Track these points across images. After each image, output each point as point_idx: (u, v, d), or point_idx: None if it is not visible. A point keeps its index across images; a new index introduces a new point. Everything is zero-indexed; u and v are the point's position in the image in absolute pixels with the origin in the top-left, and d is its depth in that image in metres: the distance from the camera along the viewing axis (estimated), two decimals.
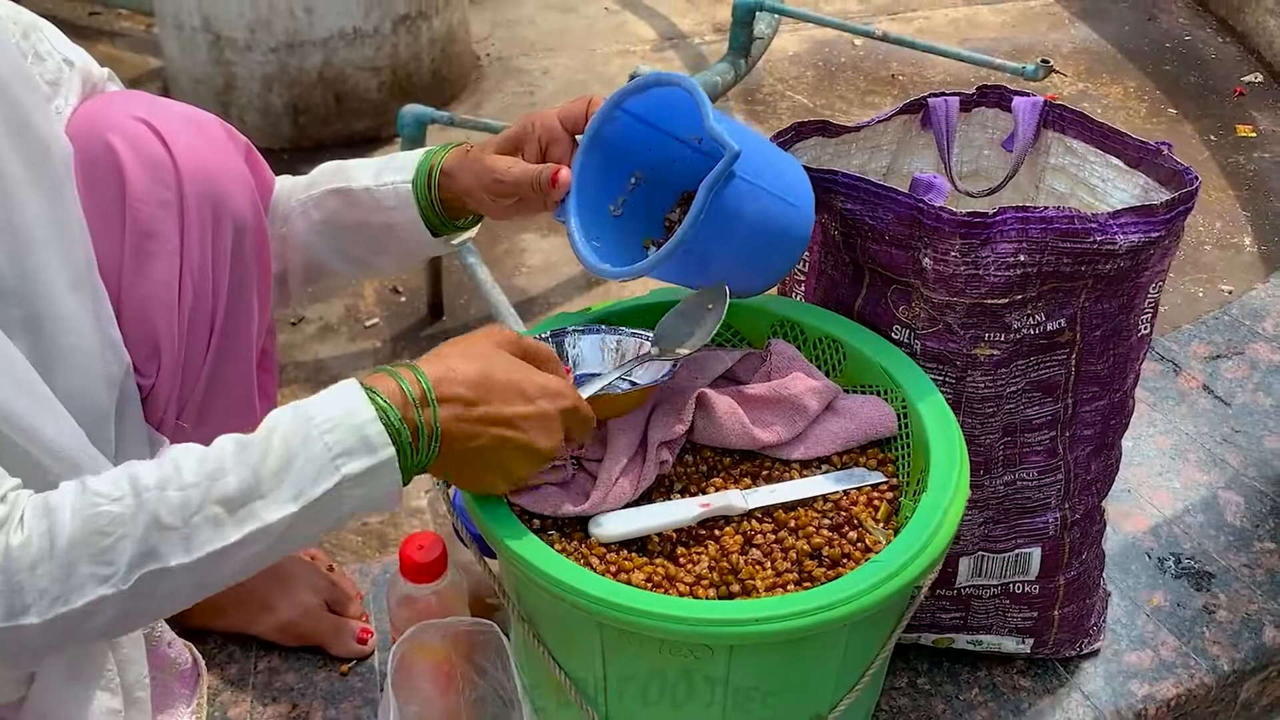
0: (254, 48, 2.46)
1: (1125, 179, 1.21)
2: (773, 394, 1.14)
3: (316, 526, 0.88)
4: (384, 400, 0.88)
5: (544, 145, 1.09)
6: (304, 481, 0.85)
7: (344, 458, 0.86)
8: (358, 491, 0.88)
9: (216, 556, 0.84)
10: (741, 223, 1.03)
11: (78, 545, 0.81)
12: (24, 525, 0.81)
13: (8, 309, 0.96)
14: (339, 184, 1.18)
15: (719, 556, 1.05)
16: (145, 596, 0.83)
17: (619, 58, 2.93)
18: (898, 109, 1.26)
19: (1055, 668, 1.37)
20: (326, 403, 0.88)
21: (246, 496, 0.85)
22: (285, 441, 0.86)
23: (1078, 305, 1.13)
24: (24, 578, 0.80)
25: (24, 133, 0.98)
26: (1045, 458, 1.20)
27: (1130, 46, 3.03)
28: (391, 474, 0.88)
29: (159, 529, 0.83)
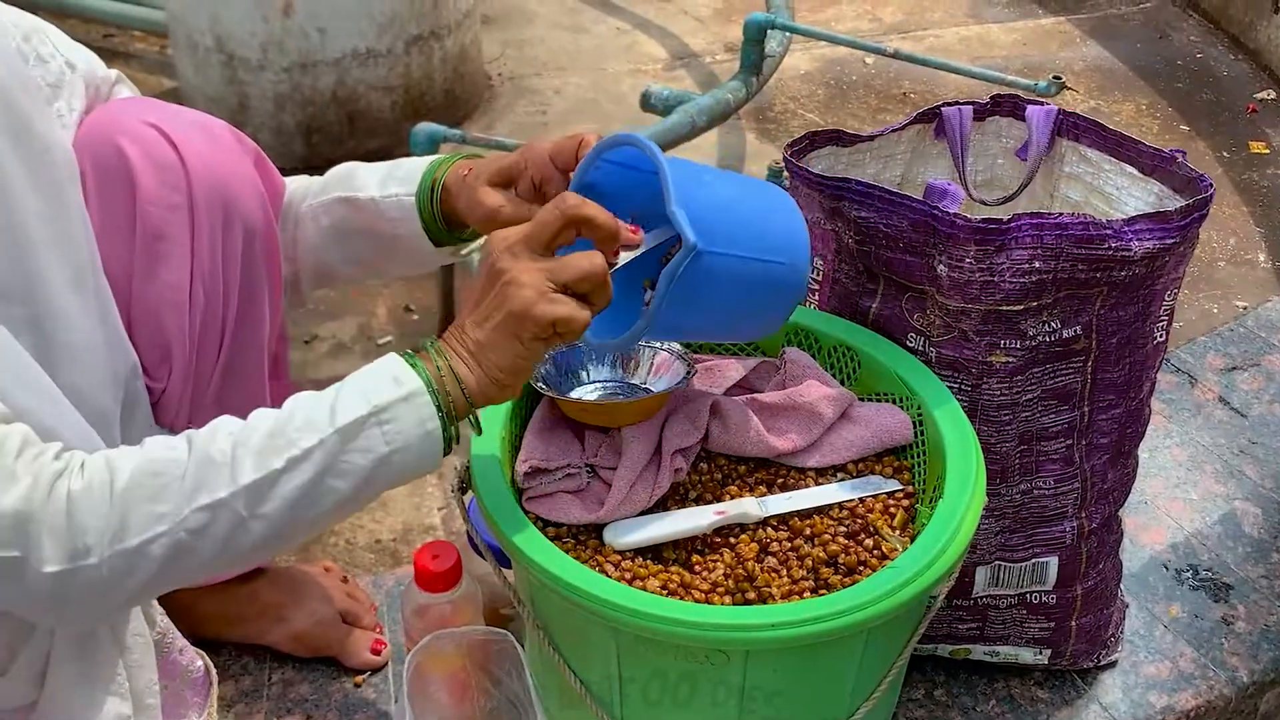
0: (267, 67, 2.47)
1: (1140, 186, 1.21)
2: (788, 401, 1.14)
3: (358, 458, 0.90)
4: (405, 352, 0.94)
5: (538, 181, 1.09)
6: (336, 413, 0.90)
7: (373, 391, 0.91)
8: (391, 425, 0.91)
9: (260, 485, 0.88)
10: (715, 293, 0.99)
11: (135, 486, 0.86)
12: (84, 472, 0.86)
13: (10, 308, 0.96)
14: (346, 192, 1.19)
15: (734, 564, 1.05)
16: (199, 533, 0.87)
17: (630, 77, 2.94)
18: (911, 118, 1.27)
19: (1073, 679, 1.36)
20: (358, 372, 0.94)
21: (283, 431, 0.89)
22: (315, 395, 0.92)
23: (1093, 312, 1.13)
24: (84, 519, 0.84)
25: (23, 135, 0.99)
26: (1062, 466, 1.19)
27: (1142, 64, 3.03)
28: (423, 405, 0.91)
29: (209, 465, 0.88)
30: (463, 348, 0.93)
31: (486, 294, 0.93)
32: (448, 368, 0.93)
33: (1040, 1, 3.37)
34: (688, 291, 0.96)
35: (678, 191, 0.94)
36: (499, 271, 0.92)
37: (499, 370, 0.93)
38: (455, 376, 0.93)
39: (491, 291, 0.93)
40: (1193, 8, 3.29)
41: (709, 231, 0.95)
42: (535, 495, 1.09)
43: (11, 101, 0.98)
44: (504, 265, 0.92)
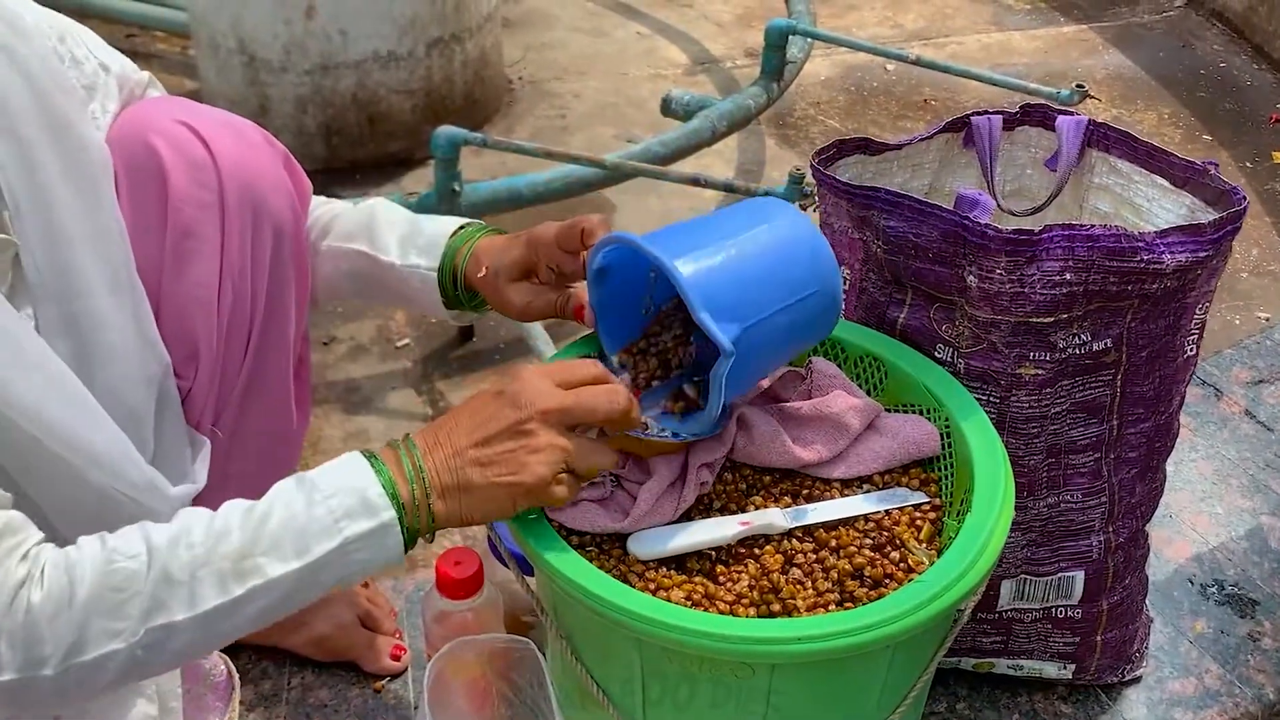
0: (289, 69, 2.47)
1: (1171, 199, 1.20)
2: (814, 412, 1.13)
3: (320, 585, 0.91)
4: (381, 464, 0.92)
5: (553, 268, 1.11)
6: (307, 540, 0.88)
7: (346, 520, 0.89)
8: (361, 553, 0.90)
9: (220, 611, 0.87)
10: (763, 353, 1.03)
11: (93, 600, 0.84)
12: (44, 581, 0.83)
13: (48, 308, 0.97)
14: (368, 248, 1.19)
15: (759, 575, 1.04)
16: (153, 649, 0.86)
17: (650, 82, 2.94)
18: (940, 127, 1.26)
19: (1097, 694, 1.35)
20: (330, 470, 0.92)
21: (249, 553, 0.87)
22: (289, 505, 0.89)
23: (1124, 325, 1.12)
24: (43, 630, 0.83)
25: (61, 135, 0.99)
26: (1090, 480, 1.18)
27: (1164, 73, 3.02)
28: (394, 535, 0.91)
29: (168, 584, 0.85)
30: (450, 478, 0.93)
31: (503, 440, 0.93)
32: (424, 502, 0.92)
33: (1062, 9, 3.36)
34: (740, 369, 1.00)
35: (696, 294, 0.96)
36: (527, 432, 0.93)
37: (474, 516, 0.95)
38: (430, 513, 0.92)
39: (511, 444, 0.93)
40: (1216, 17, 3.27)
41: (738, 307, 0.98)
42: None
43: (49, 101, 0.98)
44: (534, 428, 0.93)
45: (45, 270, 0.96)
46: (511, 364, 2.00)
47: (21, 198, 0.95)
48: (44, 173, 0.97)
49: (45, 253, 0.96)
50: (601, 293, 1.08)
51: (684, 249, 0.99)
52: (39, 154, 0.96)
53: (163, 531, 0.87)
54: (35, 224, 0.96)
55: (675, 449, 1.09)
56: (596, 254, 1.05)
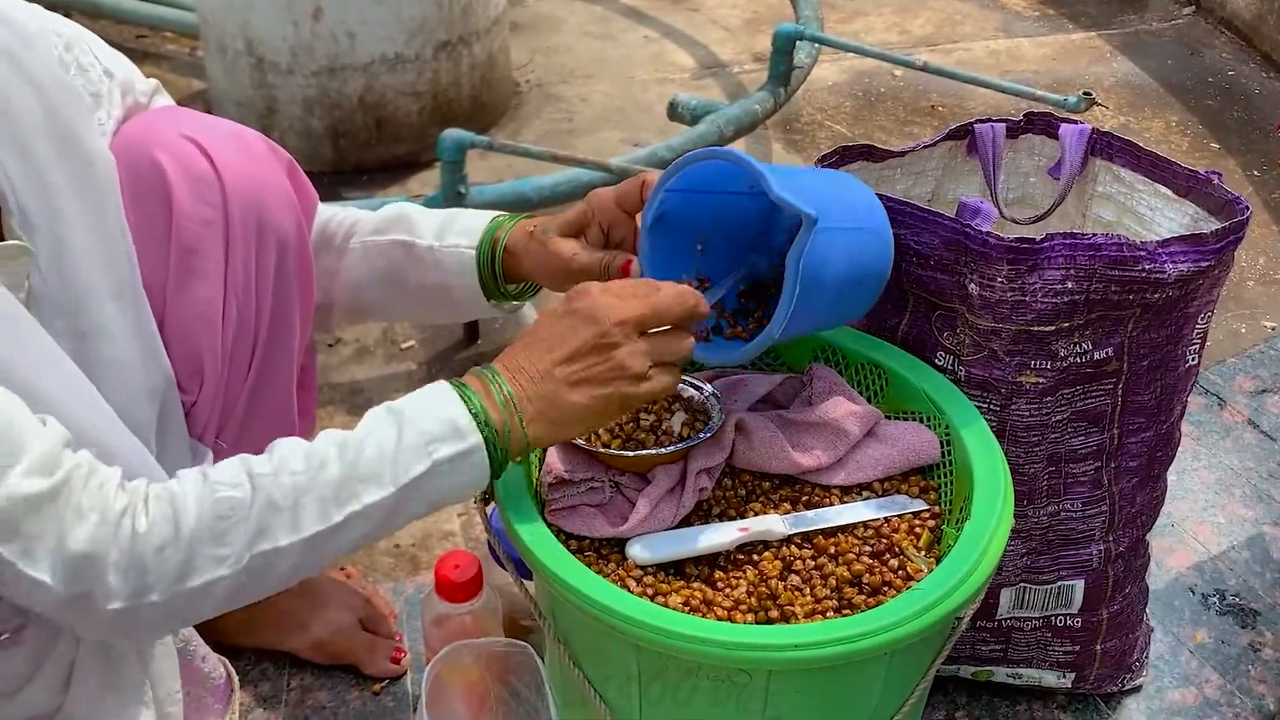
0: (296, 71, 2.48)
1: (1174, 208, 1.20)
2: (814, 418, 1.13)
3: (413, 508, 0.94)
4: (471, 391, 0.94)
5: (606, 227, 1.11)
6: (400, 466, 0.91)
7: (436, 444, 0.92)
8: (450, 477, 0.93)
9: (322, 536, 0.90)
10: (829, 274, 1.02)
11: (200, 530, 0.87)
12: (149, 510, 0.86)
13: (54, 320, 0.97)
14: (404, 235, 1.19)
15: (757, 581, 1.04)
16: (258, 573, 0.89)
17: (657, 85, 2.94)
18: (943, 135, 1.26)
19: (1096, 703, 1.35)
20: (419, 397, 0.94)
21: (348, 481, 0.90)
22: (381, 433, 0.92)
23: (1125, 334, 1.11)
24: (150, 560, 0.85)
25: (68, 145, 0.99)
26: (1090, 489, 1.18)
27: (1173, 81, 3.01)
28: (480, 458, 0.93)
29: (272, 510, 0.88)
30: (540, 403, 0.95)
31: (587, 356, 0.95)
32: (518, 428, 0.94)
33: (1071, 16, 3.35)
34: (812, 273, 0.99)
35: (775, 180, 0.98)
36: (611, 344, 0.94)
37: (574, 432, 0.98)
38: (524, 435, 0.95)
39: (596, 358, 0.95)
40: (1225, 25, 3.26)
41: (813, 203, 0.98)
42: (558, 508, 1.08)
43: (56, 111, 0.99)
44: (617, 339, 0.95)
45: (52, 282, 0.97)
46: None
47: (30, 210, 0.96)
48: (52, 184, 0.97)
49: (52, 265, 0.97)
50: (651, 251, 1.08)
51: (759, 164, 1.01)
52: (47, 166, 0.97)
53: (263, 462, 0.90)
54: (43, 236, 0.96)
55: (674, 458, 1.09)
56: (659, 193, 1.05)
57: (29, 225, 0.95)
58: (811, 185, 1.04)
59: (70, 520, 0.83)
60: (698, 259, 1.12)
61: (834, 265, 1.02)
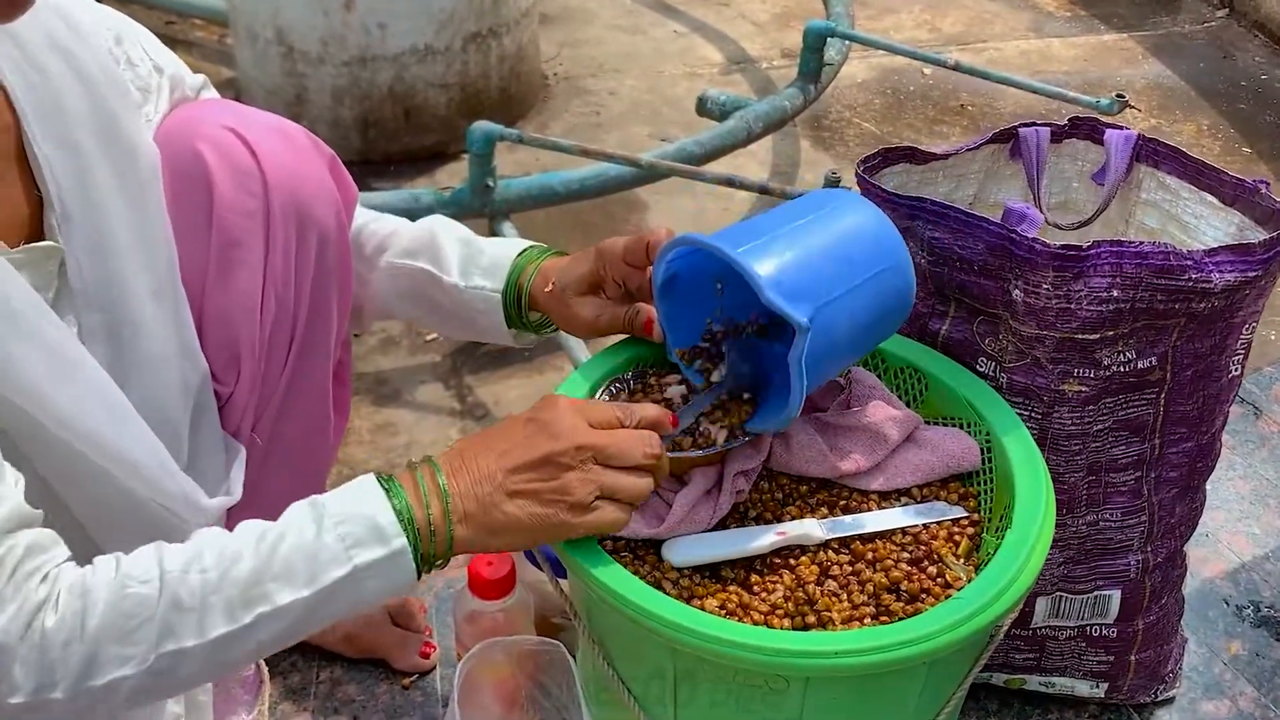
0: (326, 61, 2.48)
1: (1219, 216, 1.19)
2: (852, 422, 1.12)
3: (331, 613, 0.89)
4: (398, 489, 0.90)
5: (619, 283, 1.10)
6: (317, 568, 0.87)
7: (357, 548, 0.88)
8: (372, 581, 0.89)
9: (229, 638, 0.86)
10: (840, 336, 1.00)
11: (106, 628, 0.83)
12: (59, 605, 0.83)
13: (90, 316, 0.96)
14: (431, 267, 1.18)
15: (794, 586, 1.03)
16: (163, 674, 0.85)
17: (686, 80, 2.93)
18: (987, 138, 1.25)
19: (1129, 714, 1.34)
20: (342, 495, 0.90)
21: (259, 581, 0.86)
22: (300, 531, 0.88)
23: (1169, 344, 1.10)
24: (55, 655, 0.82)
25: (114, 139, 0.99)
26: (1130, 498, 1.17)
27: (1205, 84, 2.99)
28: (405, 562, 0.89)
29: (178, 610, 0.84)
30: (475, 505, 0.91)
31: (537, 469, 0.91)
32: (443, 527, 0.90)
33: (1102, 17, 3.33)
34: (817, 356, 0.97)
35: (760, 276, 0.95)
36: (562, 466, 0.91)
37: (498, 544, 0.93)
38: (449, 538, 0.91)
39: (545, 478, 0.91)
40: (1258, 28, 3.24)
41: (807, 289, 0.96)
42: None
43: (104, 106, 0.98)
44: (570, 463, 0.91)
45: (90, 278, 0.96)
46: (541, 359, 2.00)
47: (71, 204, 0.95)
48: (95, 179, 0.97)
49: (91, 260, 0.96)
50: (669, 306, 1.08)
51: (744, 240, 0.98)
52: (92, 160, 0.96)
53: (176, 555, 0.86)
54: (84, 231, 0.96)
55: (711, 461, 1.08)
56: (661, 263, 1.04)
57: (69, 220, 0.95)
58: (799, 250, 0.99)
59: None
60: (718, 299, 1.10)
61: (840, 331, 1.00)
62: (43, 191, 0.94)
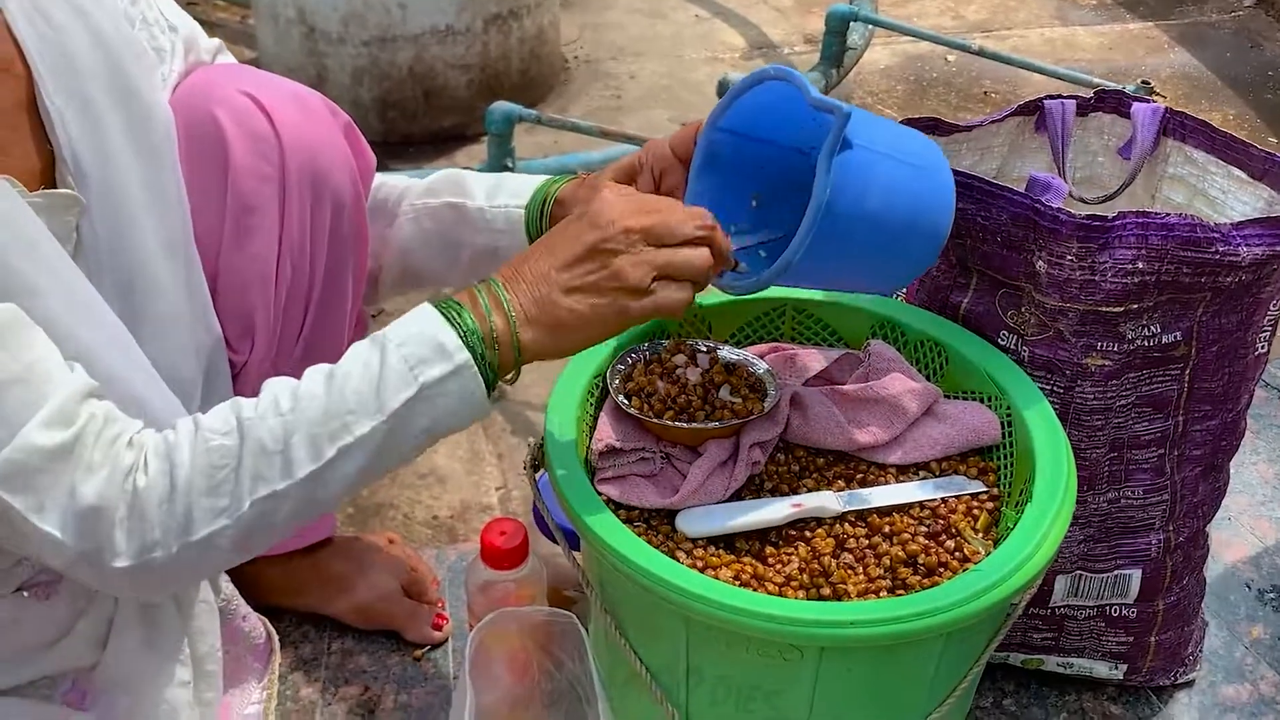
0: (347, 41, 2.47)
1: (1247, 191, 1.17)
2: (870, 394, 1.11)
3: (411, 437, 0.89)
4: (457, 309, 0.89)
5: (657, 174, 1.07)
6: (386, 394, 0.87)
7: (421, 366, 0.87)
8: (443, 399, 0.88)
9: (316, 475, 0.86)
10: (871, 197, 0.94)
11: (195, 482, 0.85)
12: (148, 467, 0.84)
13: (101, 272, 0.96)
14: (456, 198, 1.17)
15: (810, 558, 1.02)
16: (259, 519, 0.86)
17: (707, 65, 2.92)
18: (1012, 110, 1.23)
19: (1148, 696, 1.32)
20: (402, 322, 0.90)
21: (335, 415, 0.86)
22: (365, 363, 0.88)
23: (1195, 318, 1.09)
24: (153, 515, 0.84)
25: (127, 99, 0.98)
26: (1152, 476, 1.15)
27: (1231, 73, 2.96)
28: (471, 376, 0.88)
29: (263, 455, 0.85)
30: (536, 308, 0.89)
31: (587, 261, 0.89)
32: (508, 335, 0.89)
33: (1129, 6, 3.30)
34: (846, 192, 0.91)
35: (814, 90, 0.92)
36: (611, 251, 0.89)
37: (569, 343, 0.92)
38: (516, 341, 0.89)
39: (596, 267, 0.89)
40: None
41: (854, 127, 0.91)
42: (608, 477, 1.07)
43: (118, 64, 0.98)
44: (618, 246, 0.89)
45: (104, 236, 0.96)
46: None
47: (84, 158, 0.95)
48: (108, 135, 0.96)
49: (105, 218, 0.96)
50: (699, 195, 1.04)
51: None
52: (104, 117, 0.96)
53: (251, 404, 0.87)
54: (98, 189, 0.95)
55: (727, 432, 1.07)
56: (709, 131, 1.01)
57: (82, 176, 0.95)
58: (862, 113, 0.96)
59: (81, 475, 0.82)
60: (751, 213, 1.07)
61: (874, 194, 0.94)
62: (54, 145, 0.94)
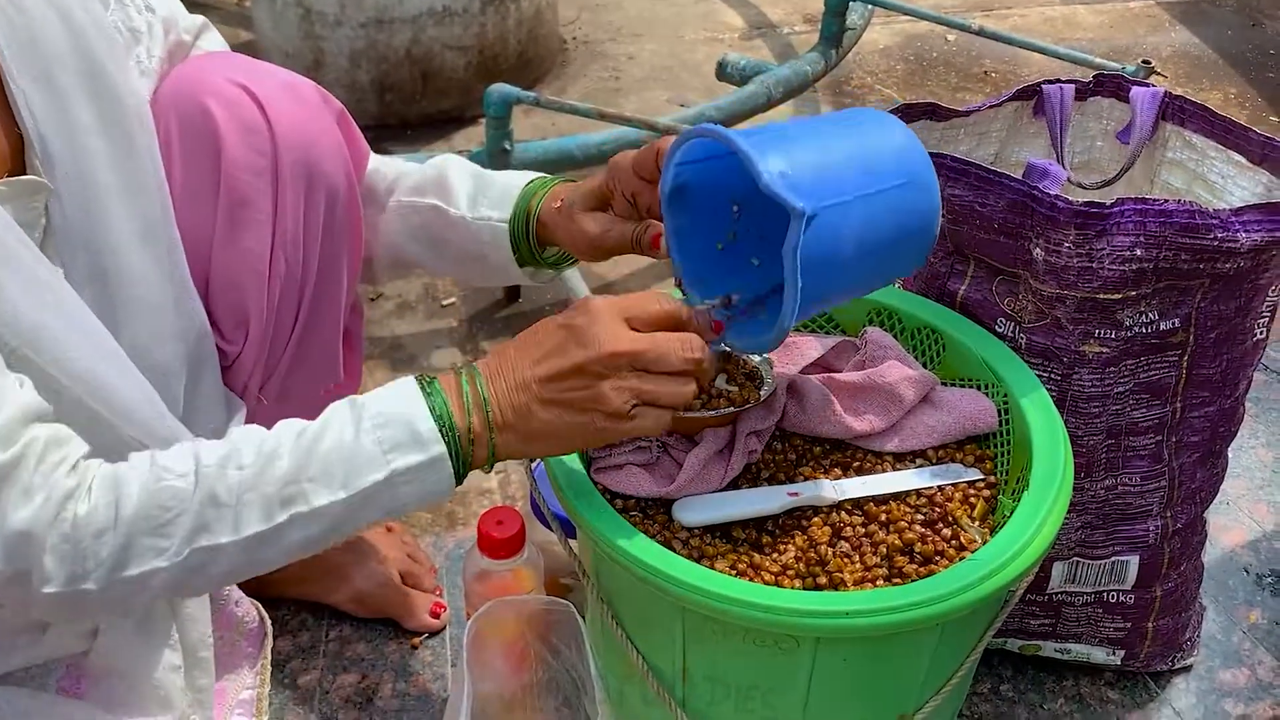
0: (344, 23, 2.46)
1: (1247, 176, 1.16)
2: (866, 382, 1.11)
3: (367, 516, 0.88)
4: (441, 396, 0.88)
5: (629, 197, 1.05)
6: (353, 471, 0.86)
7: (395, 452, 0.86)
8: (409, 486, 0.87)
9: (263, 537, 0.85)
10: (848, 246, 0.92)
11: (140, 518, 0.83)
12: (91, 495, 0.82)
13: (76, 258, 0.95)
14: (440, 201, 1.16)
15: (806, 547, 1.02)
16: (196, 570, 0.85)
17: (706, 45, 2.90)
18: (1010, 94, 1.22)
19: (1145, 681, 1.32)
20: (383, 398, 0.88)
21: (295, 480, 0.85)
22: (339, 432, 0.86)
23: (1193, 305, 1.08)
24: (87, 545, 0.82)
25: (96, 81, 0.97)
26: (1150, 463, 1.15)
27: (1232, 52, 2.94)
28: (444, 469, 0.88)
29: (214, 506, 0.84)
30: (513, 414, 0.89)
31: (570, 379, 0.88)
32: (484, 434, 0.88)
33: None
34: (819, 259, 0.90)
35: (763, 163, 0.89)
36: (595, 374, 0.88)
37: (540, 450, 0.92)
38: (491, 445, 0.89)
39: (580, 386, 0.88)
40: None
41: (814, 188, 0.89)
42: (604, 466, 1.06)
43: (87, 46, 0.96)
44: (604, 370, 0.88)
45: (73, 219, 0.95)
46: None
47: (52, 142, 0.93)
48: (76, 120, 0.95)
49: (75, 201, 0.95)
50: (678, 221, 1.02)
51: (756, 134, 0.93)
52: (72, 100, 0.95)
53: (213, 450, 0.85)
54: (66, 171, 0.94)
55: (723, 421, 1.07)
56: (669, 167, 0.99)
57: (50, 160, 0.93)
58: (822, 150, 0.94)
59: (16, 499, 0.80)
60: (734, 222, 1.06)
61: (848, 241, 0.92)
62: (21, 128, 0.93)
